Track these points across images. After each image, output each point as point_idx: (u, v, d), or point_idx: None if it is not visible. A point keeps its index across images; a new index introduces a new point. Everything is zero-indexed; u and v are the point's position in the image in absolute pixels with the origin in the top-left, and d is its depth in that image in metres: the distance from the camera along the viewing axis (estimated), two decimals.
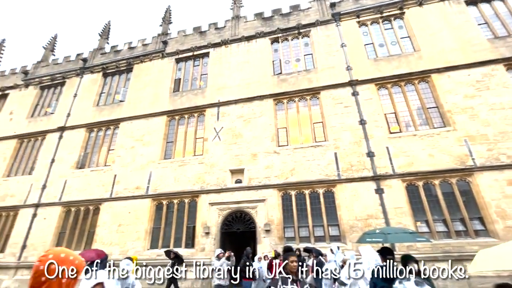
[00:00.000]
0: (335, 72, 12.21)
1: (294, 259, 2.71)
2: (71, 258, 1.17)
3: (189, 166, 11.94)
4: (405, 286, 3.29)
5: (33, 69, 18.13)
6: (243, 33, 14.75)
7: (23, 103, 16.86)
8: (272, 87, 12.73)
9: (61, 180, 13.27)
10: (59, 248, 1.21)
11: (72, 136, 14.49)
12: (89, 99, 15.53)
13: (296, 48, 13.87)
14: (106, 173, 12.85)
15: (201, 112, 13.32)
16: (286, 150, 11.19)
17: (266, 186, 10.67)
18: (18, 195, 13.53)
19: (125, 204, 11.86)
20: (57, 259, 1.12)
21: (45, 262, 1.11)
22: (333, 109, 11.46)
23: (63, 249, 1.21)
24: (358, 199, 9.63)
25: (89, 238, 11.84)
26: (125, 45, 16.94)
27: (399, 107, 11.02)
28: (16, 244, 12.31)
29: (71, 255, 1.19)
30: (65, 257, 1.15)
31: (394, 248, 8.27)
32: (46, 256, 1.13)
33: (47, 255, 1.13)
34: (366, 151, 10.25)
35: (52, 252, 1.16)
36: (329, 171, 10.34)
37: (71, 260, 1.16)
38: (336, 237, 9.49)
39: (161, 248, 10.82)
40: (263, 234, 9.98)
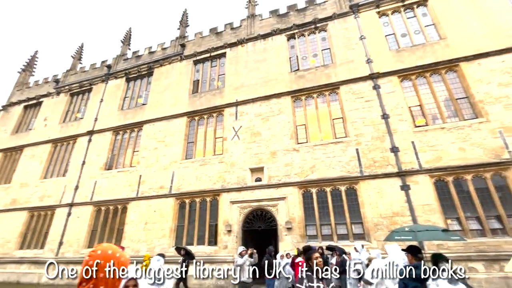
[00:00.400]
0: (354, 66, 11.86)
1: (318, 255, 2.70)
2: (117, 255, 1.22)
3: (210, 166, 12.18)
4: (439, 284, 3.14)
5: (63, 77, 19.34)
6: (258, 31, 14.73)
7: (56, 110, 18.04)
8: (289, 84, 12.62)
9: (91, 181, 14.08)
10: (106, 245, 1.27)
11: (100, 139, 15.30)
12: (114, 104, 16.30)
13: (313, 43, 13.63)
14: (132, 174, 13.45)
15: (219, 112, 13.51)
16: (305, 147, 11.06)
17: (286, 184, 10.63)
18: (54, 195, 14.55)
19: (150, 203, 12.34)
20: (104, 255, 1.19)
21: (95, 258, 1.18)
22: (354, 104, 11.15)
23: (110, 245, 1.26)
24: (383, 196, 9.32)
25: (119, 235, 12.46)
26: (145, 50, 17.56)
27: (425, 99, 10.48)
28: (53, 241, 13.26)
29: (117, 252, 1.24)
30: (112, 254, 1.21)
31: (423, 246, 7.92)
32: (95, 251, 1.20)
33: (96, 251, 1.20)
34: (389, 147, 9.87)
35: (100, 248, 1.22)
36: (351, 167, 10.08)
37: (117, 257, 1.22)
38: (360, 235, 9.25)
39: (185, 245, 11.15)
40: (284, 232, 9.96)
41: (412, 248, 4.07)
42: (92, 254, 1.20)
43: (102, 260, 1.18)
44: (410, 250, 4.08)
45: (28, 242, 14.12)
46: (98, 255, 1.19)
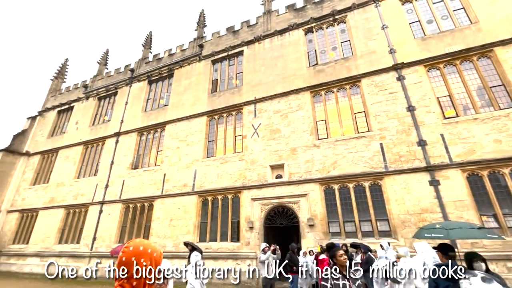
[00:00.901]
0: (376, 57, 11.40)
1: (342, 253, 2.65)
2: (149, 251, 1.22)
3: (230, 163, 12.35)
4: (471, 282, 2.97)
5: (91, 83, 20.48)
6: (275, 27, 14.61)
7: (86, 114, 19.18)
8: (308, 79, 12.41)
9: (119, 180, 14.85)
10: (138, 241, 1.26)
11: (126, 140, 16.06)
12: (138, 106, 17.00)
13: (332, 36, 13.27)
14: (157, 173, 13.99)
15: (238, 110, 13.63)
16: (326, 143, 10.86)
17: (307, 180, 10.52)
18: (87, 194, 15.53)
19: (174, 201, 12.78)
20: (136, 251, 1.20)
21: (127, 254, 1.19)
22: (376, 97, 10.74)
23: (141, 241, 1.26)
24: (410, 192, 8.93)
25: (146, 232, 13.06)
26: (165, 53, 18.09)
27: (455, 88, 9.85)
28: (88, 236, 14.18)
29: (149, 247, 1.24)
30: (144, 250, 1.21)
31: (455, 245, 7.50)
32: (128, 247, 1.21)
33: (129, 247, 1.22)
34: (416, 140, 9.41)
35: (133, 245, 1.23)
36: (375, 163, 9.75)
37: (149, 253, 1.22)
38: (386, 233, 8.95)
39: (209, 241, 11.46)
40: (306, 229, 9.89)
41: (443, 246, 3.85)
42: (125, 250, 1.21)
43: (134, 257, 1.19)
44: (441, 248, 3.87)
45: (65, 237, 15.22)
46: (130, 252, 1.20)
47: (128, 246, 1.22)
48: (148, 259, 1.20)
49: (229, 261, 10.49)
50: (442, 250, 3.85)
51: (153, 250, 1.24)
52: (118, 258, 1.21)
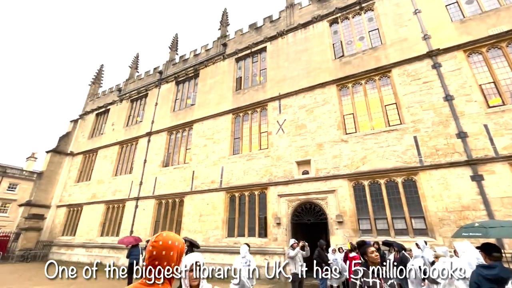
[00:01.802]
0: (408, 44, 10.70)
1: (373, 250, 2.57)
2: (177, 243, 1.33)
3: (256, 160, 12.45)
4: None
5: (124, 86, 21.79)
6: (298, 20, 14.32)
7: (120, 115, 20.48)
8: (334, 72, 12.03)
9: (152, 177, 15.70)
10: (166, 234, 1.34)
11: (157, 139, 16.89)
12: (167, 106, 17.76)
13: (358, 25, 12.69)
14: (186, 170, 14.56)
15: (263, 107, 13.64)
16: (355, 137, 10.48)
17: (335, 176, 10.26)
18: (124, 190, 16.65)
19: (203, 197, 13.23)
20: (165, 245, 1.30)
21: (157, 248, 1.28)
22: (409, 87, 10.10)
23: (168, 235, 1.34)
24: (448, 188, 8.32)
25: (178, 226, 13.69)
26: (191, 54, 18.63)
27: (500, 74, 8.93)
28: (126, 230, 15.23)
29: (176, 240, 1.34)
30: (172, 244, 1.31)
31: (502, 245, 6.88)
32: (157, 242, 1.30)
33: (158, 241, 1.31)
34: (455, 132, 8.72)
35: (161, 239, 1.32)
36: (408, 157, 9.22)
37: (176, 245, 1.32)
38: (421, 231, 8.46)
39: (237, 236, 11.71)
40: (335, 225, 9.68)
41: (486, 246, 3.55)
42: (154, 245, 1.30)
43: (164, 251, 1.29)
44: (485, 248, 3.57)
45: (106, 230, 16.51)
46: (160, 246, 1.29)
47: (157, 241, 1.31)
48: (176, 251, 1.31)
49: (257, 256, 10.62)
50: (485, 250, 3.55)
51: (179, 242, 1.35)
52: (148, 252, 1.30)
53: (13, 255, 16.71)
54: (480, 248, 3.79)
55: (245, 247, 6.18)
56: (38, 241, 18.02)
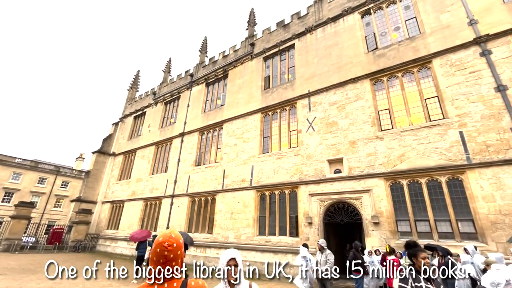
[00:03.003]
0: (451, 32, 9.82)
1: (425, 255, 2.41)
2: (181, 241, 1.42)
3: (286, 159, 12.36)
4: None
5: (158, 90, 23.03)
6: (327, 15, 13.90)
7: (155, 117, 21.71)
8: (367, 66, 11.48)
9: (185, 175, 16.40)
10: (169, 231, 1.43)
11: (189, 139, 17.60)
12: (198, 107, 18.40)
13: (393, 15, 11.95)
14: (217, 169, 14.96)
15: (292, 105, 13.50)
16: (391, 134, 9.91)
17: (370, 175, 9.80)
18: (160, 188, 17.63)
19: (234, 195, 13.49)
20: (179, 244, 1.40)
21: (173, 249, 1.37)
22: (453, 78, 9.27)
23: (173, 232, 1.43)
24: (502, 188, 7.49)
25: (210, 223, 14.14)
26: (219, 55, 19.07)
27: None
28: (163, 225, 16.12)
29: (180, 238, 1.43)
30: (182, 243, 1.43)
31: None
32: (171, 245, 1.38)
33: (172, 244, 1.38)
34: (510, 126, 7.81)
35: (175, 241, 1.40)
36: (453, 154, 8.48)
37: (181, 243, 1.42)
38: (470, 235, 7.74)
39: (268, 235, 11.75)
40: (371, 227, 9.26)
41: None
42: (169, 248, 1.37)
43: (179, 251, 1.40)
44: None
45: (145, 225, 17.62)
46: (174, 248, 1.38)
47: (163, 242, 1.37)
48: (179, 248, 1.40)
49: (289, 256, 10.57)
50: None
51: (181, 239, 1.44)
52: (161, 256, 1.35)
53: (66, 246, 18.64)
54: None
55: (304, 248, 6.91)
56: (87, 233, 19.87)
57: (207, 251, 13.31)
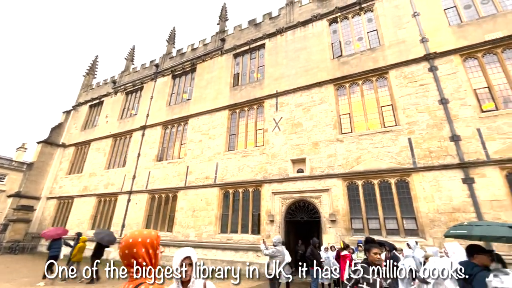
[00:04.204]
0: (406, 47, 10.78)
1: (377, 251, 2.59)
2: (140, 239, 1.34)
3: (251, 157, 12.43)
4: (503, 280, 2.79)
5: (119, 78, 21.44)
6: (298, 18, 14.27)
7: (114, 108, 20.18)
8: (332, 72, 12.05)
9: (145, 171, 15.54)
10: (129, 234, 1.38)
11: (151, 133, 16.71)
12: (163, 100, 17.56)
13: (358, 26, 12.71)
14: (180, 165, 14.45)
15: (260, 104, 13.60)
16: (350, 137, 10.55)
17: (330, 175, 10.32)
18: (116, 183, 16.45)
19: (197, 192, 13.16)
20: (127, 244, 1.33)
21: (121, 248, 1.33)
22: (405, 89, 10.19)
23: (131, 233, 1.38)
24: (440, 190, 8.45)
25: (170, 221, 13.61)
26: (188, 47, 18.41)
27: (495, 79, 9.07)
28: (117, 223, 15.08)
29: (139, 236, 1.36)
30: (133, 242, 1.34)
31: (491, 247, 7.03)
32: (120, 243, 1.35)
33: (121, 243, 1.35)
34: (449, 135, 8.84)
35: (123, 240, 1.36)
36: (402, 158, 9.33)
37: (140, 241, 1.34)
38: (413, 231, 8.60)
39: (230, 233, 11.70)
40: (328, 224, 9.76)
41: (470, 246, 3.66)
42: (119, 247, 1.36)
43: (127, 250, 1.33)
44: (468, 249, 3.69)
45: (97, 223, 16.31)
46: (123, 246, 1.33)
47: (121, 242, 1.36)
48: (142, 246, 1.33)
49: (250, 253, 10.66)
50: (468, 250, 3.66)
51: (144, 238, 1.35)
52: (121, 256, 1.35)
53: (0, 246, 16.39)
54: (466, 249, 3.88)
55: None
56: (26, 233, 17.72)
57: (166, 250, 12.78)
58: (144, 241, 1.34)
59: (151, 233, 1.39)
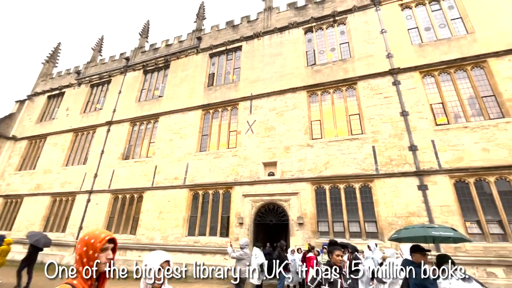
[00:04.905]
0: (373, 60, 11.51)
1: (339, 253, 2.70)
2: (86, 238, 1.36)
3: (223, 159, 12.31)
4: (451, 283, 3.10)
5: (84, 69, 19.98)
6: (275, 24, 14.54)
7: (77, 100, 18.73)
8: (305, 79, 12.44)
9: (109, 169, 14.61)
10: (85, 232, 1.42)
11: (118, 129, 15.78)
12: (132, 95, 16.70)
13: (331, 37, 13.31)
14: (148, 164, 13.82)
15: (234, 105, 13.56)
16: (320, 143, 10.94)
17: (299, 179, 10.59)
18: (75, 182, 15.22)
19: (165, 193, 12.68)
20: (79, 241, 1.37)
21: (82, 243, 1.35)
22: (372, 100, 10.86)
23: (87, 232, 1.41)
24: (399, 196, 9.10)
25: (134, 223, 12.92)
26: (162, 43, 17.79)
27: (448, 96, 10.05)
28: (74, 225, 13.93)
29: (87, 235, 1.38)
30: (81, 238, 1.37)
31: (439, 249, 7.72)
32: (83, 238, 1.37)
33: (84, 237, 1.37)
34: (408, 145, 9.58)
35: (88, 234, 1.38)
36: (366, 165, 9.89)
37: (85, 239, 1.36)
38: (373, 234, 9.13)
39: (198, 235, 11.43)
40: (296, 227, 9.98)
41: (411, 247, 4.04)
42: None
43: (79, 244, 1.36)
44: (410, 249, 4.09)
45: (50, 225, 14.91)
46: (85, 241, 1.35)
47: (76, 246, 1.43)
48: (84, 245, 1.33)
49: (217, 256, 10.50)
50: (410, 250, 4.02)
51: (90, 237, 1.35)
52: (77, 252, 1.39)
53: None
54: (409, 249, 4.25)
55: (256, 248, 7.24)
56: None
57: (128, 253, 12.10)
58: (86, 240, 1.33)
59: (99, 235, 1.35)
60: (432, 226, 5.66)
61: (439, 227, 5.37)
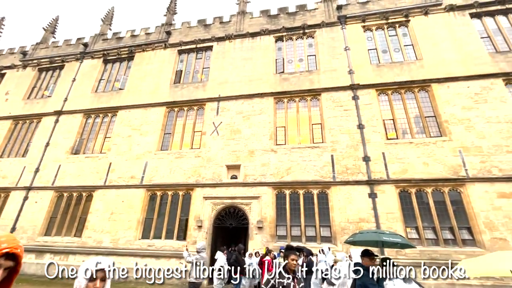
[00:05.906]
0: (337, 75, 12.26)
1: (294, 257, 2.80)
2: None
3: (186, 159, 11.93)
4: (395, 284, 3.43)
5: (32, 50, 17.83)
6: (248, 29, 14.68)
7: (20, 84, 16.59)
8: (273, 86, 12.74)
9: (55, 164, 13.15)
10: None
11: (68, 121, 14.33)
12: (88, 85, 15.35)
13: (300, 48, 13.87)
14: (101, 161, 12.77)
15: (200, 105, 13.27)
16: (283, 149, 11.24)
17: (261, 183, 10.73)
18: (10, 177, 13.38)
19: (118, 193, 11.81)
20: None
21: None
22: (333, 111, 11.53)
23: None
24: (352, 202, 9.75)
25: (80, 224, 11.78)
26: (127, 33, 16.74)
27: (398, 114, 11.14)
28: (5, 226, 12.18)
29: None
30: None
31: (383, 252, 8.42)
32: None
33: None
34: (362, 155, 10.35)
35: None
36: (325, 172, 10.43)
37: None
38: (327, 238, 9.61)
39: (153, 238, 10.85)
40: (255, 230, 10.05)
41: (362, 251, 4.40)
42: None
43: None
44: (361, 253, 4.44)
45: None
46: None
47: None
48: None
49: (172, 260, 10.07)
50: (361, 254, 4.38)
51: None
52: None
53: None
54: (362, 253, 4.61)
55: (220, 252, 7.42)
56: None
57: (70, 258, 10.97)
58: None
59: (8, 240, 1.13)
60: (383, 232, 6.19)
61: (389, 234, 5.90)
